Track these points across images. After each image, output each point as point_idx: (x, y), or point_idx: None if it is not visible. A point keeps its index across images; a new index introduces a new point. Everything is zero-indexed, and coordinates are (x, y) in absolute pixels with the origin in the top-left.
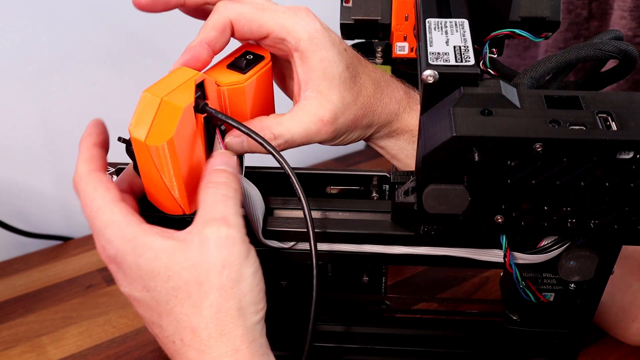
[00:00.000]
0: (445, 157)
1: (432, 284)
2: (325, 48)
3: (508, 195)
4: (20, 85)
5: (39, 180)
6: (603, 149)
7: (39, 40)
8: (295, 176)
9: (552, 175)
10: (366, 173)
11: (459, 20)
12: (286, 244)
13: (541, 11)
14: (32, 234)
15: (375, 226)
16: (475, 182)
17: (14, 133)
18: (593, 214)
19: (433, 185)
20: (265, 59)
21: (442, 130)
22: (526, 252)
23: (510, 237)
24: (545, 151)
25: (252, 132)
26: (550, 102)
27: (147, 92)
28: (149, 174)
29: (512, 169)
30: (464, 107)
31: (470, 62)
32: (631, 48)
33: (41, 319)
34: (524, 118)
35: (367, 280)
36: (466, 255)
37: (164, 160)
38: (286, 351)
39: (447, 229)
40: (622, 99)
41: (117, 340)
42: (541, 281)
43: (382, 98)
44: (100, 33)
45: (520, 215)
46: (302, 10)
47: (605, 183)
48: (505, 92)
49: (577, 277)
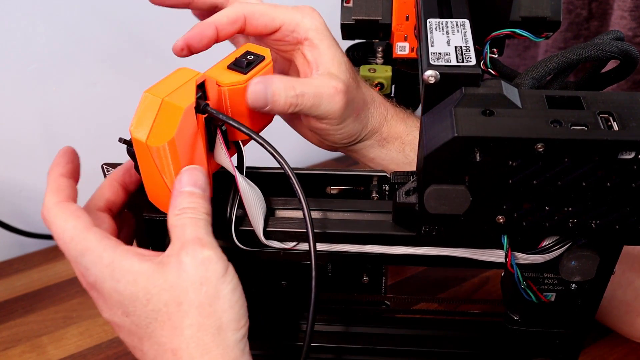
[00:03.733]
0: (447, 157)
1: (432, 284)
2: (329, 39)
3: (509, 196)
4: (20, 85)
5: (39, 180)
6: (604, 149)
7: (39, 40)
8: (295, 176)
9: (554, 175)
10: (366, 173)
11: (460, 20)
12: (287, 245)
13: (542, 11)
14: (32, 234)
15: (376, 226)
16: (476, 183)
17: (14, 133)
18: (594, 214)
19: (434, 186)
20: (266, 59)
21: (444, 131)
22: (528, 252)
23: (511, 237)
24: (547, 151)
25: (253, 133)
26: (551, 103)
27: (148, 93)
28: (150, 175)
29: (514, 169)
30: (465, 107)
31: (471, 62)
32: (632, 49)
33: (41, 319)
34: (525, 118)
35: (367, 280)
36: (467, 255)
37: (165, 160)
38: (283, 350)
39: (448, 229)
40: (624, 99)
41: (117, 340)
42: (542, 281)
43: (374, 98)
44: (100, 33)
45: (521, 215)
46: (308, 7)
47: (607, 183)
48: (507, 93)
49: (579, 277)
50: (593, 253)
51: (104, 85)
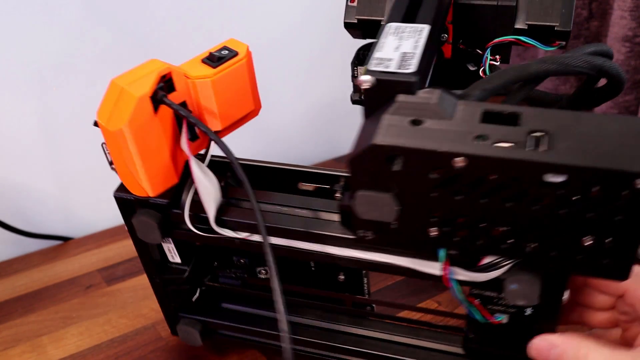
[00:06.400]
0: (367, 164)
1: (417, 290)
2: None
3: (436, 209)
4: (20, 85)
5: (39, 180)
6: (524, 170)
7: (39, 40)
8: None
9: (475, 193)
10: (333, 172)
11: (420, 26)
12: (239, 234)
13: (550, 19)
14: (32, 234)
15: (324, 226)
16: (401, 192)
17: (14, 133)
18: (526, 237)
19: (362, 191)
20: (239, 55)
21: (368, 137)
22: (468, 269)
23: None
24: (467, 167)
25: (201, 125)
26: (486, 117)
27: (115, 80)
28: (116, 156)
29: (434, 182)
30: (396, 115)
31: (409, 69)
32: (609, 64)
33: (41, 319)
34: (451, 131)
35: (344, 279)
36: (408, 265)
37: (123, 144)
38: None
39: (383, 235)
40: (568, 118)
41: (117, 340)
42: (496, 301)
43: None
44: (100, 33)
45: (453, 230)
46: None
47: (532, 207)
48: (441, 103)
49: (523, 302)
50: (534, 277)
51: (104, 85)
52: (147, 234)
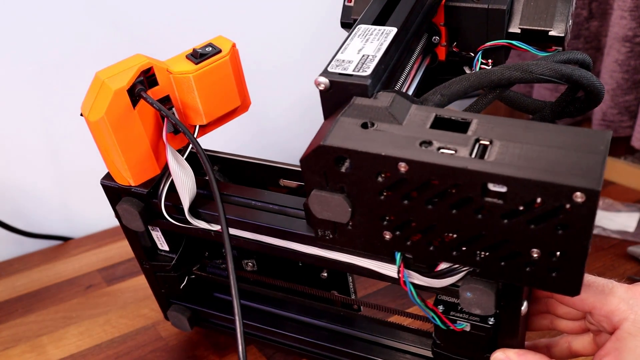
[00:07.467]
0: (317, 165)
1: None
2: None
3: (387, 212)
4: (20, 85)
5: (39, 180)
6: (462, 178)
7: (39, 40)
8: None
9: (421, 198)
10: None
11: (388, 28)
12: (213, 227)
13: (543, 23)
14: (32, 234)
15: (288, 223)
16: (351, 194)
17: (14, 133)
18: (477, 245)
19: (316, 191)
20: (222, 52)
21: (320, 138)
22: (424, 274)
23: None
24: (410, 172)
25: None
26: (437, 123)
27: (98, 73)
28: (100, 146)
29: (380, 185)
30: (350, 117)
31: (365, 72)
32: (579, 73)
33: (41, 319)
34: (398, 135)
35: (326, 276)
36: (368, 265)
37: (101, 134)
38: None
39: (341, 236)
40: (518, 127)
41: (117, 340)
42: (460, 309)
43: None
44: (100, 33)
45: (405, 234)
46: None
47: (477, 215)
48: (393, 107)
49: (478, 310)
50: (488, 286)
51: None
52: (130, 221)
